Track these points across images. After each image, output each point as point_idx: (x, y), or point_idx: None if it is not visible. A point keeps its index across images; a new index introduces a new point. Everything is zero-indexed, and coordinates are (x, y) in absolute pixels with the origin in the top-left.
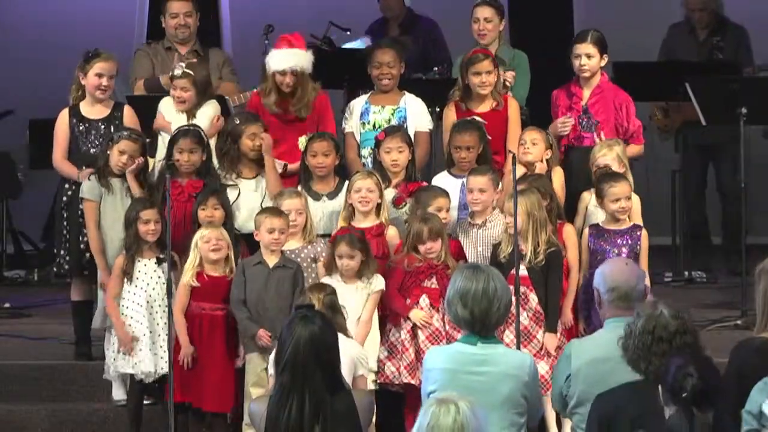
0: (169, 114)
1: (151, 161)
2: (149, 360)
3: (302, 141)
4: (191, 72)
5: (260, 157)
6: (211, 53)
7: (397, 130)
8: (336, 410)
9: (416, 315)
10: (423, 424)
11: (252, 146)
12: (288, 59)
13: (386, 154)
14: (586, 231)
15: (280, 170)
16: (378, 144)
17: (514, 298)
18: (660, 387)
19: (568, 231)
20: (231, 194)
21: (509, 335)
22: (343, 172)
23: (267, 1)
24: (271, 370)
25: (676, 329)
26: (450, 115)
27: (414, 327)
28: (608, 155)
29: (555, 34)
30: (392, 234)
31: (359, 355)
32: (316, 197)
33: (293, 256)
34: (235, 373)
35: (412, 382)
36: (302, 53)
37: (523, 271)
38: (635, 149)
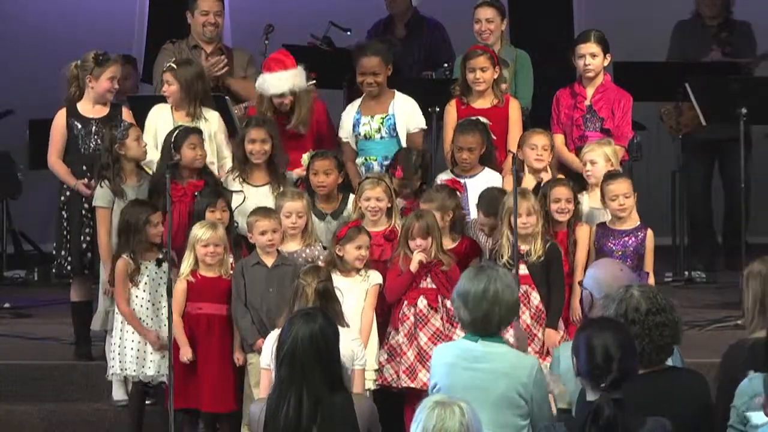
0: (162, 121)
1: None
2: (156, 363)
3: (305, 158)
4: (175, 66)
5: (265, 163)
6: (236, 53)
7: (415, 171)
8: (335, 408)
9: (416, 259)
10: (428, 426)
11: (251, 150)
12: (285, 82)
13: (401, 188)
14: (592, 229)
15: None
16: (395, 168)
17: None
18: (578, 371)
19: (583, 231)
20: (236, 199)
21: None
22: (346, 189)
23: (267, 1)
24: (265, 365)
25: (647, 309)
26: (451, 112)
27: (414, 328)
28: (595, 151)
29: (555, 33)
30: None
31: (353, 346)
32: (321, 216)
33: (291, 258)
34: (236, 373)
35: (412, 385)
36: (296, 72)
37: (523, 269)
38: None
